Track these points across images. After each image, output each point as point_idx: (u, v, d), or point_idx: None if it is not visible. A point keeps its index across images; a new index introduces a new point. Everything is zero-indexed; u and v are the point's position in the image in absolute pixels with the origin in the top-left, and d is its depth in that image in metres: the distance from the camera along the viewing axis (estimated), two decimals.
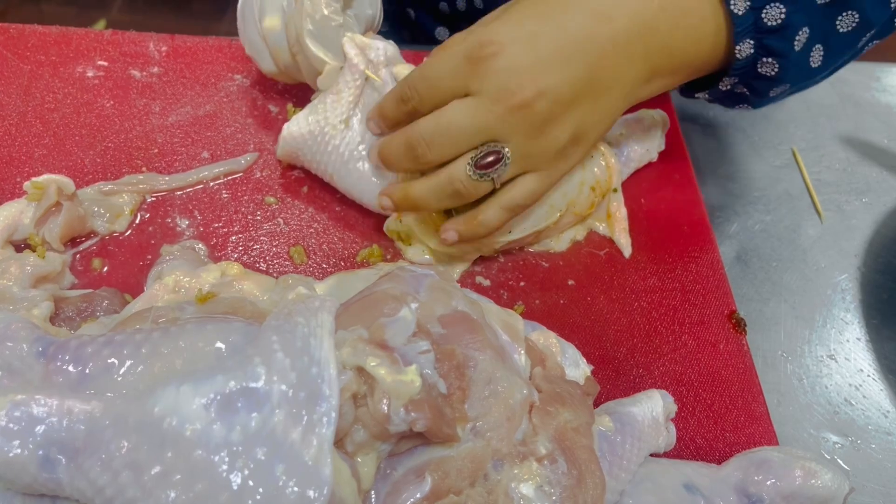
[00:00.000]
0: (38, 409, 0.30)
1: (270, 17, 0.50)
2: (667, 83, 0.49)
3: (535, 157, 0.46)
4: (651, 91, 0.49)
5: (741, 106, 0.54)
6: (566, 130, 0.46)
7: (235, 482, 0.28)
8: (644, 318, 0.52)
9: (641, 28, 0.45)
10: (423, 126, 0.45)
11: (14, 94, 0.56)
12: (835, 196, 0.66)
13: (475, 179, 0.45)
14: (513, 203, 0.47)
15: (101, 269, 0.48)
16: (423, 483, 0.33)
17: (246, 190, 0.54)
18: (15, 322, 0.34)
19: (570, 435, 0.36)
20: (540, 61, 0.44)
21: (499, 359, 0.36)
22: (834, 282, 0.60)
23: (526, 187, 0.47)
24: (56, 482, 0.29)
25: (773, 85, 0.49)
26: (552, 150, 0.46)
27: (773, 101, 0.53)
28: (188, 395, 0.29)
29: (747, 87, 0.51)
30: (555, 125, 0.45)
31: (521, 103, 0.43)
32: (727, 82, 0.50)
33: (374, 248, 0.52)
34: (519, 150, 0.45)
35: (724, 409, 0.48)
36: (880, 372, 0.54)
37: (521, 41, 0.44)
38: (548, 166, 0.47)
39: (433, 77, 0.46)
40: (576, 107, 0.45)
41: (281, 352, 0.31)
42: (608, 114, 0.48)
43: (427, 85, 0.46)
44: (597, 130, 0.48)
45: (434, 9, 0.76)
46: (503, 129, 0.44)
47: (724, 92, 0.52)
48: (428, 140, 0.45)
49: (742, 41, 0.46)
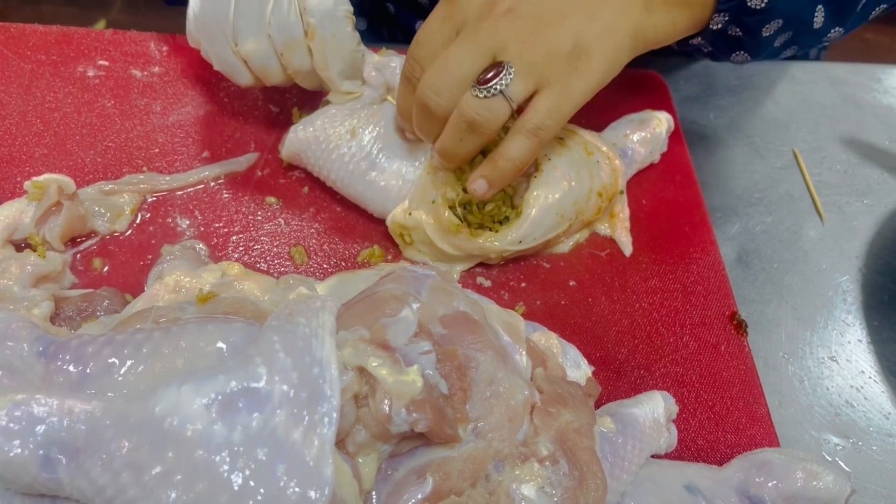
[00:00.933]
0: (38, 409, 0.30)
1: (252, 41, 0.49)
2: (669, 19, 0.49)
3: (542, 66, 0.44)
4: (655, 23, 0.49)
5: (738, 54, 0.54)
6: (566, 38, 0.44)
7: (236, 482, 0.28)
8: (645, 319, 0.52)
9: None
10: (425, 79, 0.45)
11: (15, 93, 0.56)
12: (836, 197, 0.66)
13: (483, 98, 0.44)
14: (534, 125, 0.45)
15: (101, 268, 0.48)
16: (425, 484, 0.33)
17: (247, 190, 0.54)
18: (15, 321, 0.34)
19: (571, 436, 0.36)
20: None
21: (500, 359, 0.36)
22: (835, 283, 0.60)
23: (544, 104, 0.45)
24: (56, 482, 0.29)
25: (764, 20, 0.50)
26: (556, 56, 0.44)
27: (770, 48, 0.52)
28: (189, 395, 0.29)
29: (739, 27, 0.51)
30: (550, 31, 0.44)
31: (504, 10, 0.43)
32: (717, 20, 0.51)
33: (375, 248, 0.52)
34: (521, 58, 0.44)
35: (726, 410, 0.48)
36: (881, 374, 0.54)
37: None
38: (560, 81, 0.45)
39: (424, 37, 0.46)
40: (569, 15, 0.45)
41: (282, 352, 0.31)
42: (610, 29, 0.46)
43: (422, 48, 0.46)
44: (603, 45, 0.46)
45: (413, 3, 0.76)
46: (499, 41, 0.44)
47: (717, 33, 0.52)
48: (435, 90, 0.45)
49: None
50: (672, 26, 0.50)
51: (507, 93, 0.44)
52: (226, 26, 0.48)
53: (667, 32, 0.50)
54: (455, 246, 0.50)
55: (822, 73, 0.78)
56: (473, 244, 0.49)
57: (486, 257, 0.51)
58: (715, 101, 0.74)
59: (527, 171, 0.50)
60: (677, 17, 0.50)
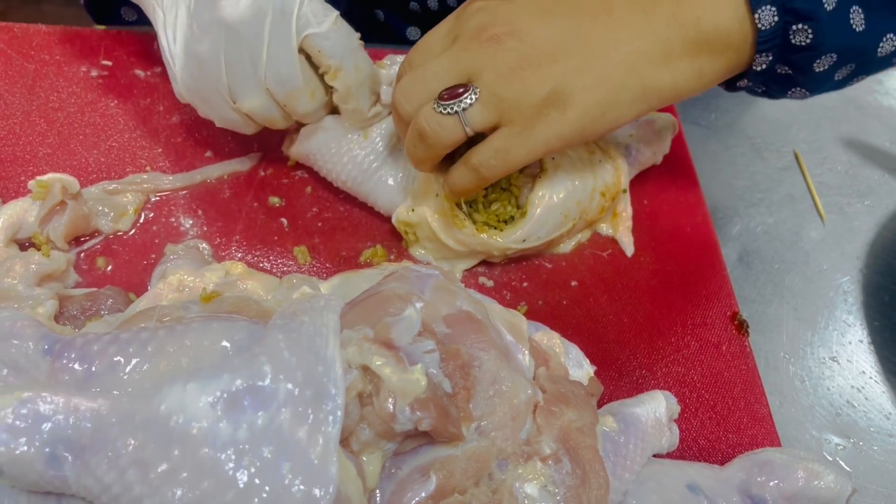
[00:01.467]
0: (44, 407, 0.30)
1: (252, 98, 0.47)
2: (692, 69, 0.44)
3: (509, 104, 0.43)
4: (674, 77, 0.44)
5: (794, 91, 0.48)
6: (544, 83, 0.42)
7: (242, 480, 0.28)
8: (647, 319, 0.52)
9: None
10: (402, 83, 0.45)
11: (19, 93, 0.56)
12: (837, 198, 0.66)
13: (437, 113, 0.43)
14: (478, 161, 0.44)
15: (105, 267, 0.48)
16: (428, 482, 0.33)
17: (250, 189, 0.54)
18: (21, 320, 0.34)
19: (574, 435, 0.36)
20: (519, 9, 0.43)
21: (503, 359, 0.36)
22: (836, 284, 0.60)
23: (494, 144, 0.44)
24: (62, 480, 0.29)
25: (814, 56, 0.44)
26: (527, 100, 0.43)
27: (830, 82, 0.47)
28: (194, 394, 0.29)
29: (788, 65, 0.45)
30: (531, 72, 0.42)
31: (491, 37, 0.42)
32: (760, 60, 0.45)
33: (378, 248, 0.52)
34: (490, 88, 0.42)
35: (727, 410, 0.48)
36: (882, 374, 0.54)
37: None
38: (523, 123, 0.43)
39: (425, 45, 0.46)
40: (558, 61, 0.43)
41: (287, 350, 0.31)
42: (604, 82, 0.43)
43: (418, 53, 0.46)
44: (588, 99, 0.43)
45: (404, 9, 0.75)
46: (475, 66, 0.43)
47: (763, 74, 0.46)
48: (405, 95, 0.44)
49: (761, 8, 0.42)
50: (698, 77, 0.45)
51: (463, 116, 0.43)
52: (220, 88, 0.47)
53: (692, 84, 0.45)
54: (459, 241, 0.50)
55: None
56: (477, 239, 0.49)
57: (489, 254, 0.51)
58: (716, 103, 0.74)
59: (531, 172, 0.50)
60: (705, 66, 0.45)
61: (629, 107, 0.45)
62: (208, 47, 0.45)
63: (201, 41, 0.45)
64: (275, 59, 0.45)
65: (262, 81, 0.46)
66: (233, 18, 0.44)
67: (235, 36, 0.44)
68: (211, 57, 0.46)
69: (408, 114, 0.45)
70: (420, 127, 0.44)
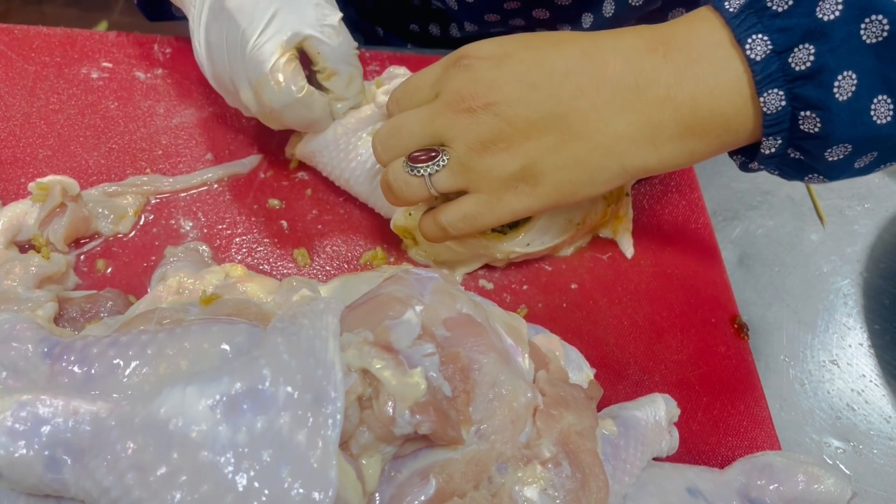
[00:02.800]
0: (43, 410, 0.30)
1: (244, 91, 0.48)
2: (682, 150, 0.42)
3: (477, 175, 0.43)
4: (661, 158, 0.42)
5: (812, 177, 0.44)
6: (515, 160, 0.42)
7: (241, 483, 0.28)
8: (647, 322, 0.52)
9: (637, 76, 0.41)
10: (381, 130, 0.46)
11: (19, 95, 0.56)
12: (837, 201, 0.66)
13: (405, 172, 0.44)
14: (446, 220, 0.45)
15: (105, 270, 0.48)
16: (428, 485, 0.33)
17: (250, 192, 0.54)
18: (20, 322, 0.34)
19: (573, 438, 0.36)
20: (503, 78, 0.42)
21: (503, 362, 0.36)
22: (836, 287, 0.60)
23: (462, 208, 0.45)
24: (62, 483, 0.29)
25: (824, 145, 0.40)
26: (496, 173, 0.43)
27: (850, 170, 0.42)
28: (194, 397, 0.29)
29: (799, 151, 0.41)
30: (503, 148, 0.42)
31: (467, 108, 0.42)
32: (769, 144, 0.41)
33: (378, 250, 0.52)
34: (459, 158, 0.43)
35: (727, 413, 0.48)
36: (882, 377, 0.54)
37: (493, 58, 0.42)
38: (492, 193, 0.44)
39: (412, 87, 0.46)
40: (533, 139, 0.42)
41: (286, 354, 0.31)
42: (578, 162, 0.42)
43: (406, 95, 0.46)
44: (559, 178, 0.43)
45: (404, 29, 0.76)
46: (449, 134, 0.43)
47: (775, 158, 0.42)
48: (382, 144, 0.46)
49: (767, 91, 0.39)
50: (689, 156, 0.43)
51: (429, 180, 0.44)
52: (228, 76, 0.48)
53: (680, 162, 0.43)
54: (461, 244, 0.50)
55: None
56: (480, 243, 0.49)
57: (491, 258, 0.51)
58: None
59: None
60: (697, 148, 0.42)
61: (605, 184, 0.44)
62: (216, 35, 0.47)
63: (212, 29, 0.47)
64: (259, 46, 0.46)
65: (246, 69, 0.47)
66: (232, 4, 0.45)
67: (234, 21, 0.45)
68: (217, 44, 0.47)
69: (382, 161, 0.46)
70: (388, 180, 0.45)
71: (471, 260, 0.52)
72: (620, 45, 0.42)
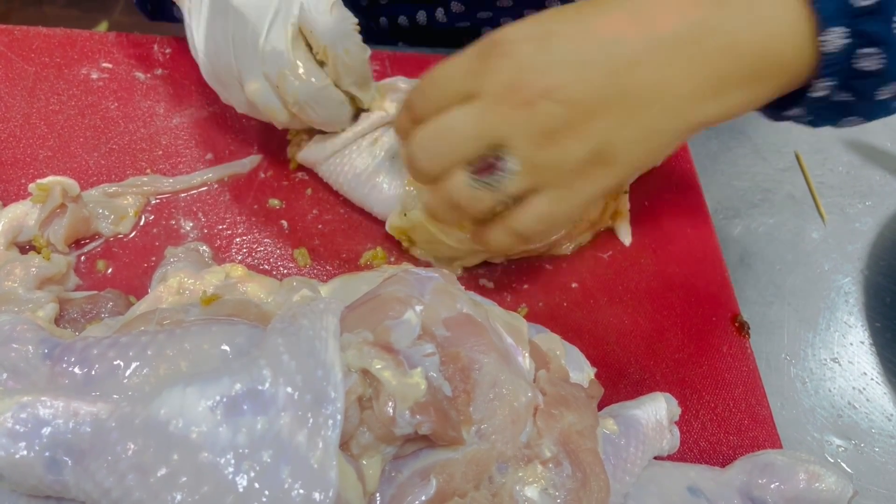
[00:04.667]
0: (44, 411, 0.30)
1: (253, 82, 0.47)
2: (745, 97, 0.41)
3: (548, 171, 0.40)
4: (725, 108, 0.41)
5: (849, 120, 0.44)
6: (585, 144, 0.39)
7: (241, 484, 0.28)
8: (647, 320, 0.52)
9: (693, 28, 0.38)
10: (421, 133, 0.41)
11: (18, 95, 0.56)
12: (838, 199, 0.66)
13: (474, 188, 0.41)
14: (520, 227, 0.42)
15: (105, 270, 0.48)
16: (428, 486, 0.33)
17: (250, 192, 0.54)
18: (21, 324, 0.34)
19: (574, 438, 0.36)
20: (553, 60, 0.39)
21: (503, 362, 0.36)
22: (837, 285, 0.60)
23: (536, 210, 0.41)
24: (62, 484, 0.29)
25: (879, 83, 0.40)
26: (567, 164, 0.40)
27: (886, 109, 0.42)
28: (194, 398, 0.29)
29: (850, 91, 0.41)
30: (569, 134, 0.39)
31: (524, 100, 0.38)
32: (821, 86, 0.40)
33: (378, 250, 0.52)
34: (527, 159, 0.40)
35: (728, 412, 0.48)
36: (884, 375, 0.54)
37: (535, 39, 0.39)
38: (564, 185, 0.41)
39: (441, 78, 0.42)
40: (599, 117, 0.39)
41: (286, 354, 0.31)
42: (650, 133, 0.40)
43: (434, 87, 0.42)
44: (633, 152, 0.41)
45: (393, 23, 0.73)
46: (508, 133, 0.39)
47: (819, 101, 0.41)
48: (426, 152, 0.41)
49: (828, 29, 0.37)
50: (750, 103, 0.42)
51: (499, 189, 0.41)
52: (232, 71, 0.47)
53: (742, 110, 0.42)
54: (460, 240, 0.50)
55: None
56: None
57: (491, 254, 0.51)
58: None
59: None
60: (758, 93, 0.41)
61: (673, 145, 0.42)
62: (220, 30, 0.46)
63: (215, 25, 0.46)
64: (272, 39, 0.45)
65: (262, 63, 0.46)
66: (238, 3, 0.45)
67: (242, 17, 0.45)
68: (223, 39, 0.46)
69: (430, 174, 0.42)
70: (453, 199, 0.42)
71: (470, 256, 0.52)
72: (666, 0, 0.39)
